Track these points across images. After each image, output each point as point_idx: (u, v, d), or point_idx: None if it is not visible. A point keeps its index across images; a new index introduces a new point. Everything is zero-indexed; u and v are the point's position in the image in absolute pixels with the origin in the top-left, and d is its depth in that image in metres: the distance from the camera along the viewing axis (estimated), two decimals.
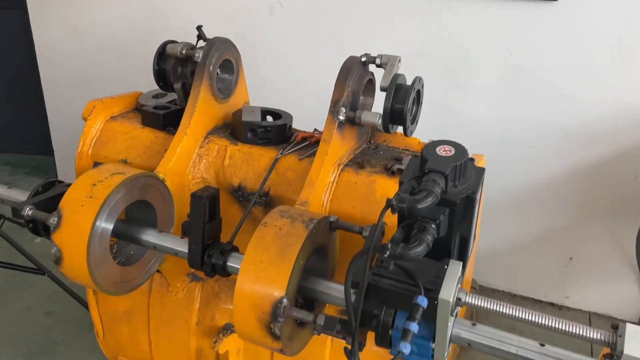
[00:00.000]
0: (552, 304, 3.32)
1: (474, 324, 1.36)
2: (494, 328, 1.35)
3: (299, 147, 1.91)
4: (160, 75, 2.01)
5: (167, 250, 1.67)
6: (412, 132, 1.82)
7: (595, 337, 1.14)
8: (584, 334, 1.15)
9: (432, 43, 2.99)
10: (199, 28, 2.03)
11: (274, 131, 1.93)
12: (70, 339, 2.86)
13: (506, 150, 3.07)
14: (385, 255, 1.15)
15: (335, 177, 1.78)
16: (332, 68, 1.81)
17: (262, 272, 1.37)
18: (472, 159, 1.31)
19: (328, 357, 1.86)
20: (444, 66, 3.01)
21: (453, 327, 1.34)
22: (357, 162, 1.82)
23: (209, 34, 2.03)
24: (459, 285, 1.22)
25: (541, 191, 3.09)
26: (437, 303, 1.19)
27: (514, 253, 3.30)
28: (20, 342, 2.85)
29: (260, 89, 2.56)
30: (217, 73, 2.00)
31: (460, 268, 1.24)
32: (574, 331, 1.16)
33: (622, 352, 1.08)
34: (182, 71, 2.00)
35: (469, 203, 1.20)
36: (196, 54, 1.90)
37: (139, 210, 1.80)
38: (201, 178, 1.94)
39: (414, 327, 1.16)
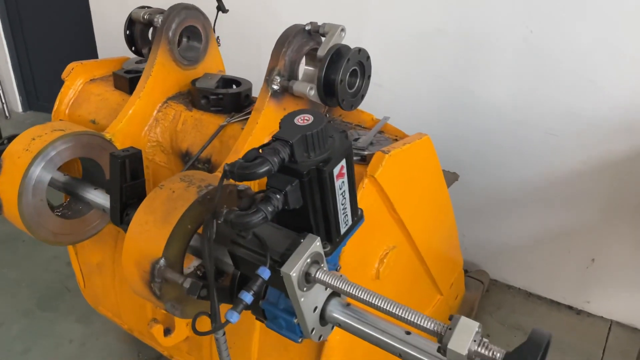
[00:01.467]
0: (570, 308, 3.06)
1: (347, 304, 1.30)
2: (367, 312, 1.28)
3: (247, 116, 1.90)
4: (130, 41, 2.08)
5: (98, 205, 1.74)
6: (353, 106, 1.75)
7: (428, 327, 1.04)
8: (419, 322, 1.05)
9: (450, 18, 2.81)
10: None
11: (226, 99, 1.93)
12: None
13: (526, 137, 2.84)
14: (219, 222, 1.12)
15: None
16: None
17: (146, 233, 1.39)
18: (343, 132, 1.23)
19: (258, 327, 1.86)
20: (462, 44, 2.83)
21: (327, 305, 1.29)
22: None
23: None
24: (311, 261, 1.16)
25: (563, 184, 2.83)
26: (282, 276, 1.14)
27: (532, 249, 3.07)
28: (39, 286, 3.13)
29: None
30: (184, 39, 2.03)
31: (317, 242, 1.17)
32: (412, 319, 1.07)
33: (446, 345, 0.98)
34: (149, 36, 2.05)
35: (321, 176, 1.13)
36: (155, 19, 1.94)
37: (93, 170, 1.89)
38: (156, 142, 1.99)
39: (246, 296, 1.13)
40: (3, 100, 5.35)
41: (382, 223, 1.70)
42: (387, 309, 1.11)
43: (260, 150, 1.11)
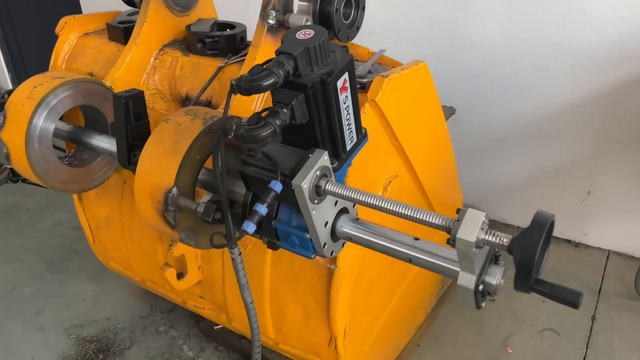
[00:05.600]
0: (568, 241, 3.14)
1: (357, 219, 1.35)
2: (376, 224, 1.33)
3: (244, 57, 1.91)
4: None
5: (104, 150, 1.77)
6: (349, 38, 1.77)
7: (437, 222, 1.09)
8: (427, 219, 1.10)
9: None
10: None
11: (222, 42, 1.94)
12: (88, 250, 3.09)
13: (517, 74, 2.87)
14: (230, 136, 1.15)
15: None
16: None
17: (156, 164, 1.43)
18: (344, 47, 1.26)
19: (269, 261, 1.91)
20: None
21: (337, 220, 1.33)
22: None
23: None
24: (320, 174, 1.20)
25: (556, 118, 2.88)
26: (293, 189, 1.19)
27: (528, 187, 3.13)
28: (46, 250, 3.17)
29: None
30: None
31: (325, 157, 1.22)
32: (417, 216, 1.11)
33: (455, 234, 1.03)
34: None
35: (325, 88, 1.16)
36: None
37: (95, 119, 1.92)
38: (155, 89, 2.01)
39: (261, 208, 1.17)
40: None
41: (384, 150, 1.74)
42: (398, 210, 1.16)
43: (264, 66, 1.14)
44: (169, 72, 2.00)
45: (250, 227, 1.16)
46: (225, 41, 1.94)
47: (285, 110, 1.16)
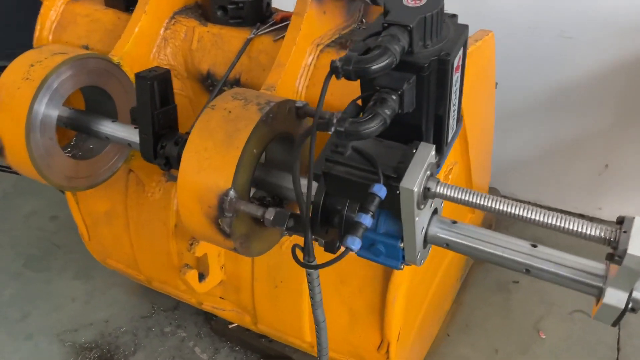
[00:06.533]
0: (582, 216, 3.05)
1: (454, 222, 1.14)
2: (478, 228, 1.13)
3: (276, 27, 1.65)
4: None
5: (120, 141, 1.49)
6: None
7: (593, 233, 0.90)
8: (581, 230, 0.91)
9: None
10: None
11: (247, 9, 1.67)
12: (72, 243, 2.81)
13: (538, 42, 2.69)
14: (330, 132, 0.92)
15: (313, 59, 1.53)
16: None
17: (207, 161, 1.18)
18: (453, 15, 1.03)
19: None
20: None
21: (429, 224, 1.13)
22: (341, 43, 1.56)
23: None
24: (429, 173, 0.99)
25: (576, 90, 2.73)
26: (399, 193, 0.97)
27: (543, 161, 3.00)
28: (23, 245, 2.84)
29: None
30: None
31: (432, 152, 1.00)
32: (567, 227, 0.92)
33: (624, 251, 0.85)
34: None
35: (443, 68, 0.94)
36: None
37: (99, 100, 1.62)
38: (168, 65, 1.72)
39: (366, 219, 0.95)
40: None
41: None
42: (542, 220, 0.96)
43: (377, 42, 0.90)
44: (183, 45, 1.71)
45: (355, 243, 0.94)
46: (250, 8, 1.67)
47: (394, 97, 0.93)
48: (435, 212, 1.16)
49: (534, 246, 1.07)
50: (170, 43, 1.71)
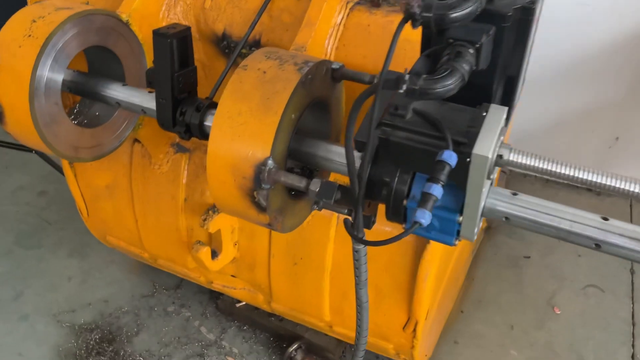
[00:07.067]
0: (589, 190, 3.00)
1: (514, 194, 1.05)
2: (541, 200, 1.04)
3: None
4: None
5: (132, 107, 1.36)
6: None
7: None
8: None
9: None
10: None
11: None
12: (64, 219, 2.68)
13: (553, 10, 2.59)
14: (401, 91, 0.81)
15: (343, 17, 1.41)
16: None
17: (241, 127, 1.06)
18: None
19: (333, 237, 1.60)
20: None
21: (489, 197, 1.04)
22: (372, 0, 1.44)
23: None
24: (502, 139, 0.89)
25: (590, 60, 2.65)
26: (470, 160, 0.87)
27: (552, 133, 2.93)
28: (11, 222, 2.68)
29: None
30: None
31: (505, 115, 0.90)
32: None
33: None
34: None
35: (525, 19, 0.84)
36: None
37: (104, 63, 1.48)
38: None
39: (436, 190, 0.85)
40: None
41: None
42: (610, 184, 0.87)
43: None
44: (195, 3, 1.57)
45: (426, 216, 0.84)
46: None
47: (471, 51, 0.82)
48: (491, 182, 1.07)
49: (605, 219, 0.99)
50: (180, 1, 1.57)
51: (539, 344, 2.19)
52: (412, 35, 1.31)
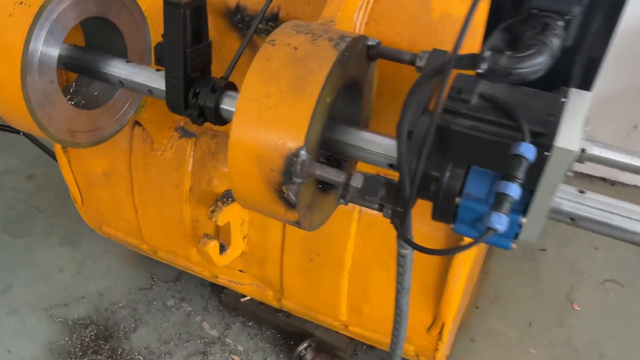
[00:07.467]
0: (604, 179, 2.90)
1: (581, 191, 0.92)
2: (613, 200, 0.92)
3: None
4: None
5: (137, 86, 1.20)
6: None
7: None
8: None
9: None
10: None
11: None
12: (55, 206, 2.52)
13: None
14: (481, 71, 0.67)
15: None
16: None
17: (270, 112, 0.92)
18: None
19: (354, 233, 1.47)
20: None
21: None
22: None
23: None
24: (587, 129, 0.76)
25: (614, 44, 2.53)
26: (549, 155, 0.74)
27: None
28: None
29: None
30: None
31: (589, 102, 0.77)
32: None
33: None
34: None
35: None
36: None
37: (103, 37, 1.32)
38: None
39: (514, 190, 0.72)
40: None
41: None
42: None
43: None
44: None
45: (502, 222, 0.71)
46: None
47: (559, 24, 0.68)
48: None
49: None
50: None
51: (558, 342, 2.09)
52: (453, 10, 1.18)
